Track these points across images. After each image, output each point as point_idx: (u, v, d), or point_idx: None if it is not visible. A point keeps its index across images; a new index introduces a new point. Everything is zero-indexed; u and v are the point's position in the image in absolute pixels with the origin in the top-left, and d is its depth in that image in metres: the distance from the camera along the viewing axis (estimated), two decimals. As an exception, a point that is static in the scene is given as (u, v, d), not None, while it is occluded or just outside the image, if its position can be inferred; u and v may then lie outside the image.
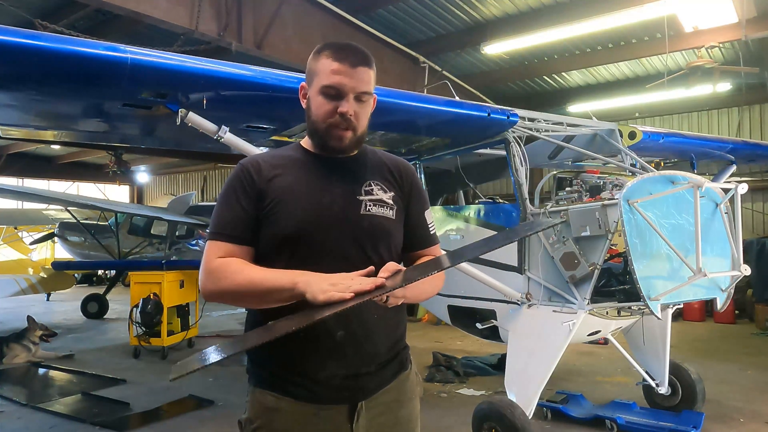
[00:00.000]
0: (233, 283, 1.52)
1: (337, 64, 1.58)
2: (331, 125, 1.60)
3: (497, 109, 4.47)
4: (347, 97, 1.58)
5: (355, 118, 1.60)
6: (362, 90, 1.60)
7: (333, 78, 1.58)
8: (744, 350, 7.59)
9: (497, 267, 4.55)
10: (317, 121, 1.63)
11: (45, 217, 14.39)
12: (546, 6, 8.79)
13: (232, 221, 1.61)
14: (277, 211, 1.59)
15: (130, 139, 5.03)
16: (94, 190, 22.62)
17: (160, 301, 7.56)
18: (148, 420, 5.10)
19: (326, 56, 1.60)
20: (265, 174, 1.63)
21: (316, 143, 1.68)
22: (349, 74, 1.58)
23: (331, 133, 1.61)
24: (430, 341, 8.36)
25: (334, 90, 1.58)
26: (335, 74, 1.58)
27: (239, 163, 1.69)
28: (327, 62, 1.59)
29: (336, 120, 1.59)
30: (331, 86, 1.58)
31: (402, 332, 1.75)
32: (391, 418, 1.69)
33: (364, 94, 1.61)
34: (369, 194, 1.66)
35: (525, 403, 3.95)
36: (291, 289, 1.43)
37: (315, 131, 1.65)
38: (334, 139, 1.62)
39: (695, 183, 3.69)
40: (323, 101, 1.60)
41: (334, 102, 1.59)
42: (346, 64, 1.58)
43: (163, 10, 6.79)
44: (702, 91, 10.43)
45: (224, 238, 1.60)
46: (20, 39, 2.60)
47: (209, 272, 1.56)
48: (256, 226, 1.61)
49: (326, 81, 1.59)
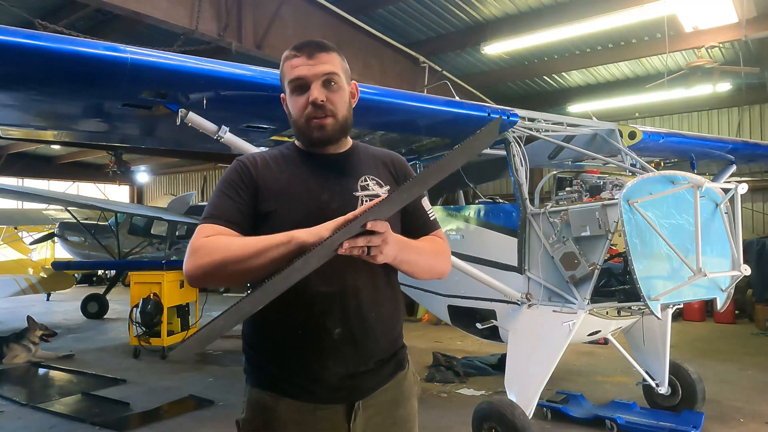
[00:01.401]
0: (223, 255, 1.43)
1: (295, 59, 1.63)
2: (308, 117, 1.62)
3: (497, 109, 4.47)
4: (313, 84, 1.60)
5: (330, 104, 1.61)
6: (325, 72, 1.61)
7: (294, 72, 1.62)
8: (744, 350, 7.59)
9: (497, 267, 4.56)
10: (296, 119, 1.65)
11: (45, 217, 14.39)
12: (546, 6, 8.79)
13: (227, 209, 1.58)
14: (276, 209, 1.59)
15: (130, 139, 5.03)
16: (94, 190, 22.61)
17: (160, 301, 7.57)
18: (148, 420, 5.10)
19: (286, 57, 1.66)
20: (262, 170, 1.64)
21: (303, 141, 1.70)
22: (307, 63, 1.61)
23: (310, 125, 1.62)
24: (430, 341, 8.36)
25: (298, 81, 1.61)
26: (295, 68, 1.62)
27: (236, 159, 1.70)
28: (288, 62, 1.65)
29: (310, 111, 1.61)
30: (294, 79, 1.62)
31: (399, 331, 1.75)
32: (389, 417, 1.69)
33: (329, 75, 1.61)
34: (365, 189, 1.66)
35: (525, 403, 3.95)
36: (287, 242, 1.40)
37: (298, 130, 1.67)
38: (315, 130, 1.63)
39: (695, 183, 3.69)
40: (295, 98, 1.64)
41: (303, 94, 1.61)
42: (303, 56, 1.62)
43: (163, 10, 6.78)
44: (702, 91, 10.43)
45: (215, 220, 1.55)
46: (20, 39, 2.60)
47: (194, 251, 1.48)
48: (252, 218, 1.60)
49: (289, 77, 1.63)
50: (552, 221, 4.20)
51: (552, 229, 4.19)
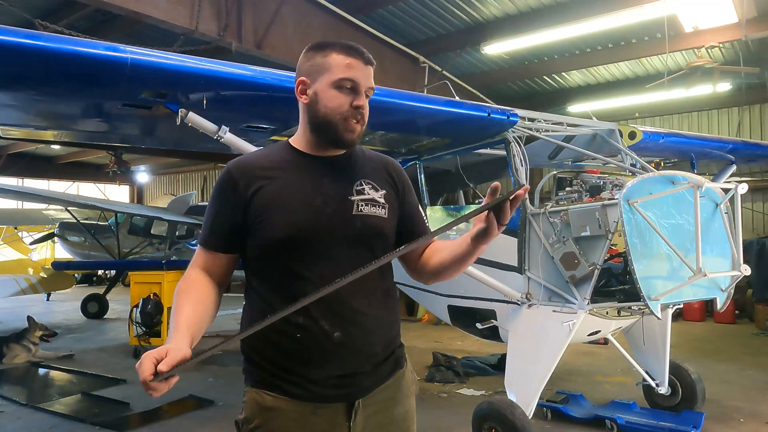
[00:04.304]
0: (174, 302, 1.57)
1: (351, 59, 1.61)
2: (346, 118, 1.61)
3: (497, 109, 4.47)
4: (362, 91, 1.62)
5: (365, 113, 1.64)
6: (370, 86, 1.65)
7: (349, 72, 1.60)
8: (744, 350, 7.59)
9: (497, 267, 4.55)
10: (329, 114, 1.61)
11: (45, 217, 14.39)
12: (546, 6, 8.78)
13: (217, 230, 1.65)
14: (268, 215, 1.57)
15: (130, 139, 5.03)
16: (94, 190, 22.62)
17: (160, 301, 7.57)
18: (148, 420, 5.10)
19: (338, 52, 1.62)
20: (253, 178, 1.61)
21: (326, 138, 1.66)
22: (362, 70, 1.62)
23: (347, 125, 1.62)
24: (430, 341, 8.36)
25: (350, 83, 1.61)
26: (351, 68, 1.60)
27: (226, 167, 1.67)
28: (340, 57, 1.61)
29: (351, 112, 1.61)
30: (348, 79, 1.60)
31: (397, 330, 1.75)
32: (388, 416, 1.69)
33: (370, 90, 1.65)
34: (360, 194, 1.65)
35: (525, 403, 3.95)
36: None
37: (327, 124, 1.63)
38: (347, 132, 1.62)
39: (695, 183, 3.69)
40: (337, 94, 1.61)
41: (350, 95, 1.61)
42: (360, 60, 1.62)
43: (163, 10, 6.78)
44: (702, 91, 10.42)
45: (206, 246, 1.67)
46: (20, 39, 2.60)
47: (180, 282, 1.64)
48: (244, 232, 1.61)
49: (343, 74, 1.60)
50: (552, 221, 4.20)
51: (552, 229, 4.19)
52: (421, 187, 5.39)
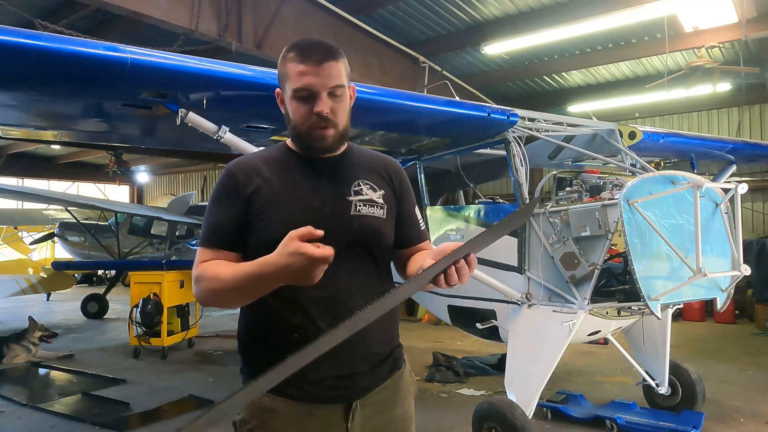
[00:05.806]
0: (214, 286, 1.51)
1: (302, 66, 1.55)
2: (311, 127, 1.59)
3: (497, 109, 4.47)
4: (320, 95, 1.56)
5: (332, 115, 1.58)
6: (333, 85, 1.57)
7: (301, 80, 1.55)
8: (744, 350, 7.59)
9: (497, 267, 4.55)
10: (297, 126, 1.61)
11: (45, 217, 14.39)
12: (546, 6, 8.79)
13: (219, 229, 1.61)
14: (267, 216, 1.57)
15: (130, 139, 5.03)
16: (94, 190, 22.63)
17: (160, 301, 7.56)
18: (148, 420, 5.10)
19: (291, 59, 1.58)
20: (252, 177, 1.61)
21: (301, 146, 1.66)
22: (315, 73, 1.55)
23: (312, 134, 1.60)
24: (430, 341, 8.36)
25: (305, 92, 1.56)
26: (302, 76, 1.55)
27: (225, 168, 1.67)
28: (293, 65, 1.57)
29: (314, 121, 1.57)
30: (301, 89, 1.56)
31: (395, 330, 1.75)
32: (386, 416, 1.69)
33: (336, 88, 1.58)
34: (358, 194, 1.65)
35: (525, 403, 3.95)
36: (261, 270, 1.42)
37: (297, 135, 1.63)
38: (316, 140, 1.61)
39: (695, 183, 3.69)
40: (298, 105, 1.59)
41: (308, 104, 1.57)
42: (311, 64, 1.55)
43: (163, 10, 6.79)
44: (702, 91, 10.43)
45: (209, 244, 1.61)
46: (20, 39, 2.60)
47: (195, 280, 1.58)
48: (245, 232, 1.60)
49: (296, 84, 1.56)
50: (552, 221, 4.20)
51: (552, 229, 4.19)
52: (421, 187, 5.39)
